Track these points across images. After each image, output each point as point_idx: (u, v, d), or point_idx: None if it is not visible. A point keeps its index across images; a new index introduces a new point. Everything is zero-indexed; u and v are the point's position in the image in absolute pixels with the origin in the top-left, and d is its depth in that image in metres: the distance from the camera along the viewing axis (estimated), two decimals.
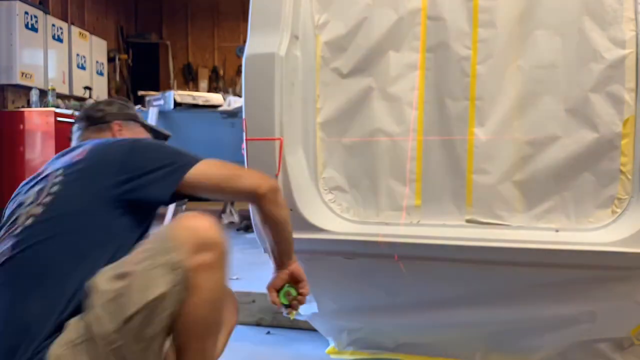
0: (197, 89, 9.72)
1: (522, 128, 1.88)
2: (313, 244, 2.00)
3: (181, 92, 5.85)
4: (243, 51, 2.01)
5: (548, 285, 1.89)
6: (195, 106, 5.69)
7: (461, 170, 1.93)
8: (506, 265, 1.88)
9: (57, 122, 5.89)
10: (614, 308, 1.88)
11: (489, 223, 1.92)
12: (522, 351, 2.08)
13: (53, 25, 7.18)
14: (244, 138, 1.97)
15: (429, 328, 2.12)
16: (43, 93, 6.58)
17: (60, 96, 6.75)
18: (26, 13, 6.51)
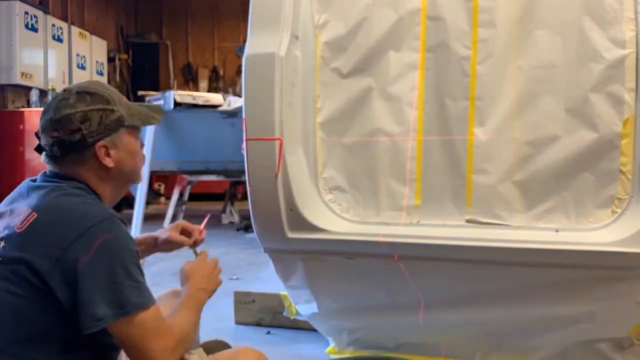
0: (197, 89, 9.72)
1: (522, 128, 1.88)
2: (313, 244, 2.00)
3: (181, 92, 5.85)
4: (243, 51, 2.01)
5: (548, 285, 1.89)
6: (195, 106, 5.69)
7: (461, 170, 1.93)
8: (506, 265, 1.88)
9: None
10: (614, 308, 1.88)
11: (489, 223, 1.91)
12: (522, 351, 2.08)
13: (53, 25, 7.19)
14: (244, 138, 1.97)
15: (429, 328, 2.12)
16: (43, 93, 6.59)
17: None
18: (26, 13, 6.52)
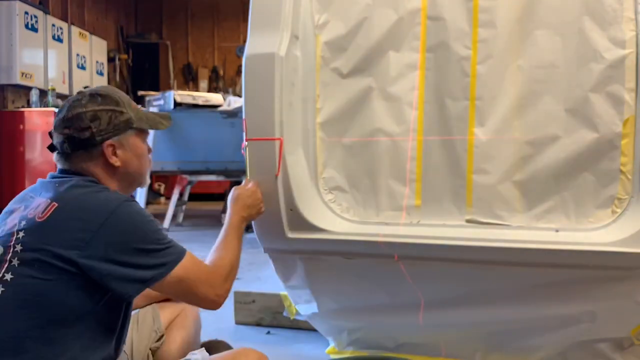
0: (197, 89, 9.73)
1: (522, 128, 1.88)
2: (313, 244, 2.00)
3: (181, 92, 5.85)
4: (243, 51, 2.01)
5: (548, 285, 1.89)
6: (195, 106, 5.69)
7: (461, 170, 1.93)
8: (506, 265, 1.87)
9: None
10: (614, 308, 1.88)
11: (489, 223, 1.91)
12: (522, 351, 2.08)
13: (53, 25, 7.18)
14: (244, 138, 1.97)
15: (429, 328, 2.12)
16: (43, 93, 6.58)
17: (60, 96, 6.75)
18: (26, 13, 6.51)
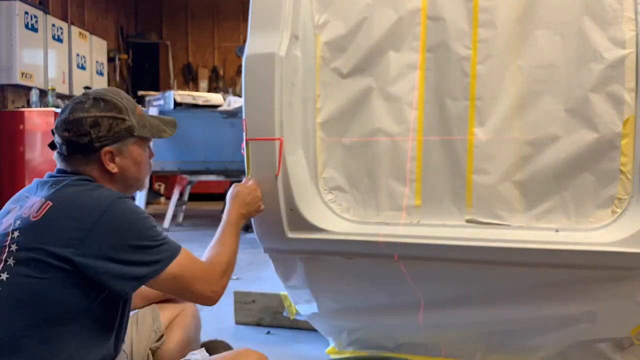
0: (197, 89, 9.73)
1: (522, 128, 1.88)
2: (313, 244, 2.00)
3: (181, 92, 5.86)
4: (243, 51, 2.01)
5: (548, 285, 1.89)
6: (195, 106, 5.70)
7: (461, 170, 1.93)
8: (506, 265, 1.87)
9: None
10: (614, 308, 1.88)
11: (489, 223, 1.91)
12: (522, 351, 2.08)
13: (53, 25, 7.18)
14: (244, 138, 1.97)
15: (429, 328, 2.12)
16: (43, 93, 6.58)
17: (60, 96, 6.75)
18: (26, 13, 6.51)
